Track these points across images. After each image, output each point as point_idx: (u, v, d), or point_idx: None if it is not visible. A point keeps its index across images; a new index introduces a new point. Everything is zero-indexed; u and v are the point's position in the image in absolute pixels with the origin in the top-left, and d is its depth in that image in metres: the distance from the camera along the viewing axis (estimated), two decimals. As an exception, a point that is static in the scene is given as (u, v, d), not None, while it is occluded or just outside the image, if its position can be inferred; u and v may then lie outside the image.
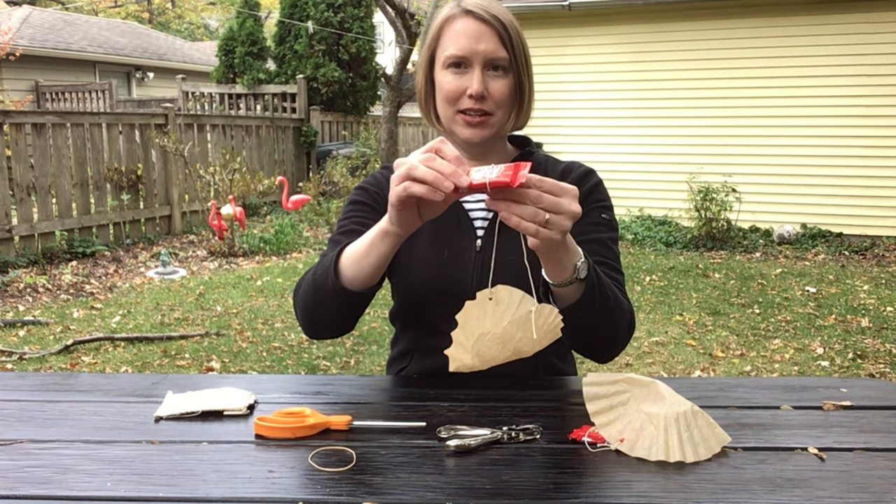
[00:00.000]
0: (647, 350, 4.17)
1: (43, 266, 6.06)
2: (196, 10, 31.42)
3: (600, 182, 1.31)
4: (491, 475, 0.87)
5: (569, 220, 0.93)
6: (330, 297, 1.12)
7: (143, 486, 0.85)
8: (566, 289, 1.05)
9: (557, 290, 1.06)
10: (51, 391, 1.19)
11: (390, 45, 16.93)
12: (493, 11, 1.20)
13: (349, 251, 1.11)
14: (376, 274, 1.11)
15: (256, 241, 7.07)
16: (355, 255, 1.10)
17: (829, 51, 7.37)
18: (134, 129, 7.47)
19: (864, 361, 3.94)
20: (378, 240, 1.06)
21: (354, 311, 1.19)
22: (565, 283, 1.03)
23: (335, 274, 1.11)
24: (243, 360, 4.00)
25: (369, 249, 1.07)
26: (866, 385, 1.22)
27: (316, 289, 1.15)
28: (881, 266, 6.50)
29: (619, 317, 1.14)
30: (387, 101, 10.36)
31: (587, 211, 1.27)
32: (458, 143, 1.28)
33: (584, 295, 1.05)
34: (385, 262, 1.10)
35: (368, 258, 1.08)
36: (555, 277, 1.04)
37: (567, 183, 1.27)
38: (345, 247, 1.13)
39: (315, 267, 1.18)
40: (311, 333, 1.27)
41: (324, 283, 1.12)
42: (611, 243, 1.27)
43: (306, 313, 1.21)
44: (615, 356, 1.21)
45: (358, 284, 1.12)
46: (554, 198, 0.91)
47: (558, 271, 1.02)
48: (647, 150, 8.25)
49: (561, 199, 0.92)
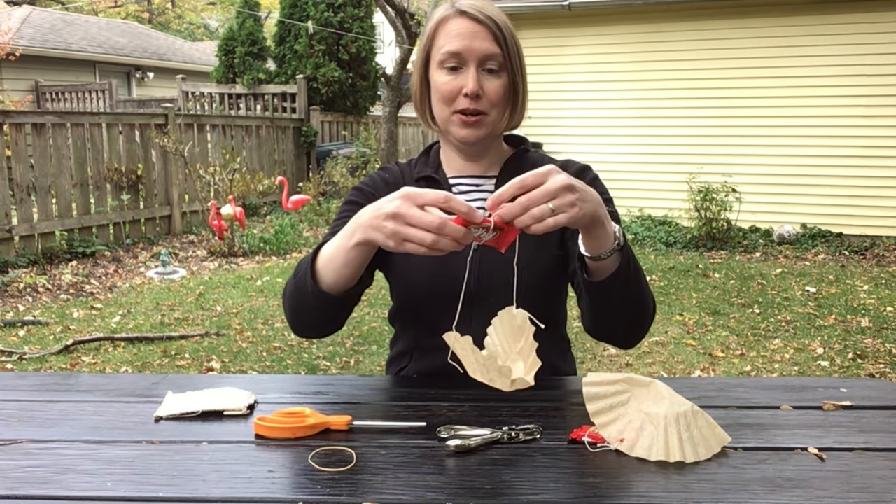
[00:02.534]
0: (647, 350, 4.17)
1: (43, 266, 6.06)
2: (196, 10, 31.42)
3: (597, 177, 1.31)
4: (491, 475, 0.87)
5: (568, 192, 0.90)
6: (311, 299, 1.12)
7: (143, 486, 0.85)
8: (605, 261, 1.04)
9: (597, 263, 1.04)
10: (51, 391, 1.19)
11: (390, 45, 16.93)
12: (487, 12, 1.21)
13: (325, 254, 1.10)
14: (353, 277, 1.09)
15: (256, 241, 7.07)
16: (331, 259, 1.08)
17: (829, 51, 7.37)
18: (134, 129, 7.47)
19: (864, 361, 3.94)
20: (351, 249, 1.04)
21: (339, 312, 1.18)
22: (607, 254, 1.02)
23: (313, 278, 1.11)
24: (243, 360, 4.00)
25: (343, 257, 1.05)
26: (866, 385, 1.22)
27: (297, 291, 1.15)
28: (881, 266, 6.50)
29: (649, 292, 1.14)
30: (387, 101, 10.36)
31: None
32: (454, 142, 1.29)
33: (621, 265, 1.05)
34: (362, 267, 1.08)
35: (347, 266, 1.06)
36: (597, 249, 1.02)
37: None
38: (321, 247, 1.12)
39: (295, 269, 1.18)
40: (300, 334, 1.27)
41: (304, 286, 1.12)
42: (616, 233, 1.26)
43: (293, 314, 1.21)
44: (640, 339, 1.20)
45: (337, 288, 1.11)
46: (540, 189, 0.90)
47: (599, 242, 1.01)
48: (647, 150, 8.25)
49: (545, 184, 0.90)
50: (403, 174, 1.36)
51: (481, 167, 1.33)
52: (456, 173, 1.34)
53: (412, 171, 1.36)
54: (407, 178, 1.35)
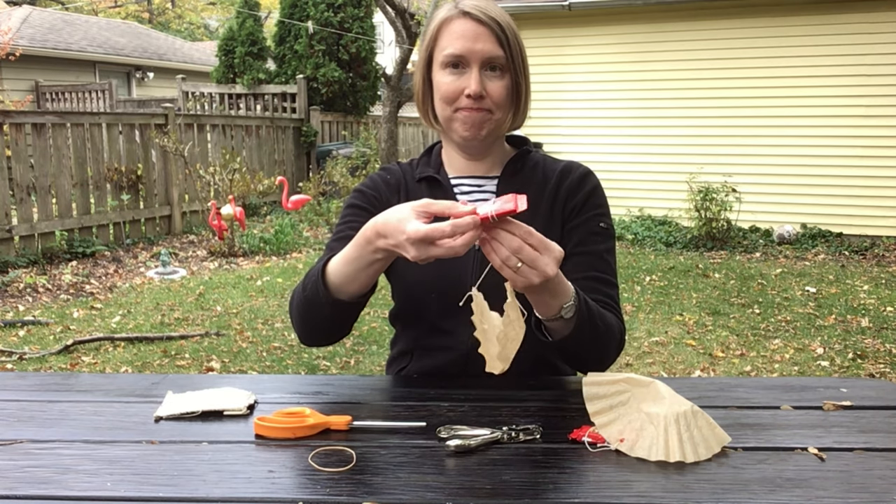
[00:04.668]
0: (647, 350, 4.17)
1: (43, 266, 6.06)
2: (196, 10, 31.41)
3: (599, 185, 1.31)
4: (491, 475, 0.87)
5: (538, 277, 0.96)
6: (324, 309, 1.13)
7: (143, 486, 0.85)
8: (554, 323, 1.09)
9: (548, 324, 1.10)
10: (51, 391, 1.19)
11: (390, 45, 16.93)
12: (490, 13, 1.21)
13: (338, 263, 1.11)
14: (369, 282, 1.12)
15: (256, 241, 7.07)
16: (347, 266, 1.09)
17: (829, 51, 7.37)
18: (134, 129, 7.47)
19: (864, 361, 3.94)
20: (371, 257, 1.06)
21: (349, 319, 1.21)
22: (552, 319, 1.08)
23: (325, 286, 1.12)
24: (243, 360, 4.00)
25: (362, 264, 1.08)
26: (866, 385, 1.22)
27: (308, 301, 1.16)
28: (881, 266, 6.50)
29: (609, 341, 1.19)
30: (387, 101, 10.36)
31: (586, 219, 1.28)
32: (457, 141, 1.29)
33: (574, 330, 1.10)
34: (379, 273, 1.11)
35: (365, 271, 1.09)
36: (539, 313, 1.09)
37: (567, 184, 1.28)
38: (330, 258, 1.13)
39: (304, 279, 1.19)
40: (308, 343, 1.27)
41: (315, 296, 1.13)
42: (607, 255, 1.28)
43: (302, 324, 1.22)
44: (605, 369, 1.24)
45: (351, 294, 1.13)
46: (534, 253, 0.95)
47: (541, 308, 1.07)
48: (647, 150, 8.25)
49: (541, 256, 0.96)
50: (405, 174, 1.35)
51: (483, 167, 1.33)
52: (458, 174, 1.33)
53: (413, 172, 1.35)
54: (408, 179, 1.34)
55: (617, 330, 1.21)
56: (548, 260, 0.96)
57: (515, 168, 1.31)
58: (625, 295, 5.34)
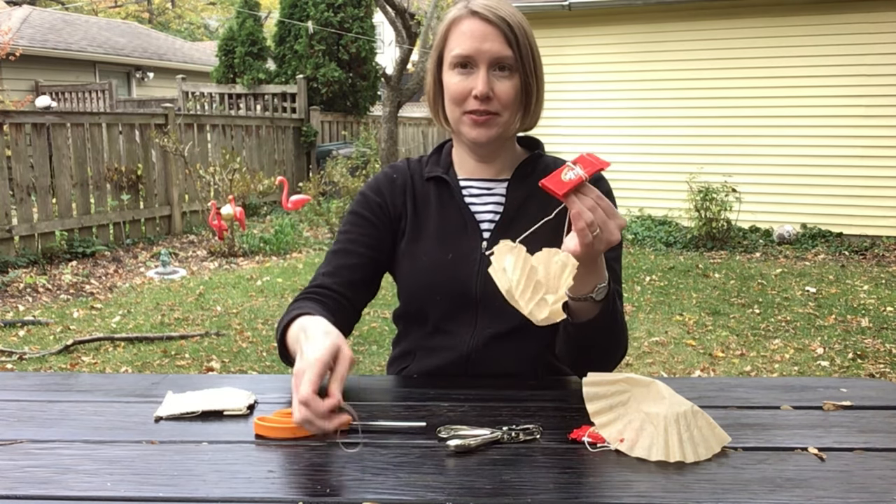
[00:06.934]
0: (647, 350, 4.17)
1: (43, 266, 6.06)
2: (196, 10, 31.41)
3: (610, 191, 1.31)
4: (491, 475, 0.87)
5: (604, 244, 0.99)
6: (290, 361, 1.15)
7: (143, 486, 0.85)
8: (581, 304, 1.08)
9: (573, 304, 1.09)
10: (51, 391, 1.19)
11: (390, 45, 16.94)
12: (499, 12, 1.20)
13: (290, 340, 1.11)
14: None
15: (256, 241, 7.07)
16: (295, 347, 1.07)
17: (829, 51, 7.37)
18: (134, 129, 7.47)
19: (864, 361, 3.94)
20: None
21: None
22: (580, 298, 1.07)
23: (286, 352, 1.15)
24: (243, 360, 4.00)
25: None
26: (866, 385, 1.22)
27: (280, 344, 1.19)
28: (881, 266, 6.50)
29: (619, 340, 1.19)
30: (387, 101, 10.36)
31: None
32: (466, 142, 1.28)
33: (599, 315, 1.10)
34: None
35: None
36: (574, 290, 1.07)
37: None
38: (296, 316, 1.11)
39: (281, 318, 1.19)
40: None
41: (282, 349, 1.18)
42: (615, 263, 1.25)
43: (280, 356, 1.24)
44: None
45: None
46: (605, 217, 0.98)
47: (578, 285, 1.06)
48: (647, 150, 8.25)
49: (609, 220, 0.99)
50: (413, 174, 1.34)
51: (493, 170, 1.32)
52: (468, 175, 1.32)
53: (422, 170, 1.34)
54: (416, 178, 1.34)
55: (625, 335, 1.21)
56: (614, 226, 0.99)
57: (526, 171, 1.30)
58: (625, 295, 5.33)
